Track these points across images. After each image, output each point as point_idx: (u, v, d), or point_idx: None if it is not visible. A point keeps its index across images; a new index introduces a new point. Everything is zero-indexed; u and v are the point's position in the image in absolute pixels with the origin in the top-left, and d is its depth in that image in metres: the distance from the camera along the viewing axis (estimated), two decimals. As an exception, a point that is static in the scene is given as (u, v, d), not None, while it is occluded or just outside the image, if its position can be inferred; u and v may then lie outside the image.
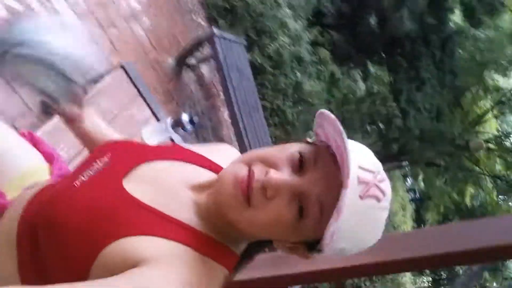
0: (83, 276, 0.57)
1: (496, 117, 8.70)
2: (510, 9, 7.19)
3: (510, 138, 8.62)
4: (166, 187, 0.67)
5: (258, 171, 0.57)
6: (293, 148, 0.60)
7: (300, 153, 0.59)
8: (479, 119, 8.09)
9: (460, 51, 6.47)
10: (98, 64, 0.84)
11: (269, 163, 0.58)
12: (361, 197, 0.55)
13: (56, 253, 0.63)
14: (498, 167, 7.97)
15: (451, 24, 6.08)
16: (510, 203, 8.05)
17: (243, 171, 0.58)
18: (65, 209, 0.63)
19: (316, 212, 0.56)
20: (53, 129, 1.40)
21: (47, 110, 0.99)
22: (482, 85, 8.13)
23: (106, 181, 0.67)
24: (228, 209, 0.58)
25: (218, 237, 0.62)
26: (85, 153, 1.42)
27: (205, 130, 3.35)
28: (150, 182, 0.67)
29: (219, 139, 3.60)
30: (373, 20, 5.51)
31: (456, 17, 6.60)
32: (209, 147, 0.82)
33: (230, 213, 0.58)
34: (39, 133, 1.31)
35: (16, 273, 0.71)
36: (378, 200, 0.56)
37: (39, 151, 1.00)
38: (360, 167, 0.56)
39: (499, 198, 8.20)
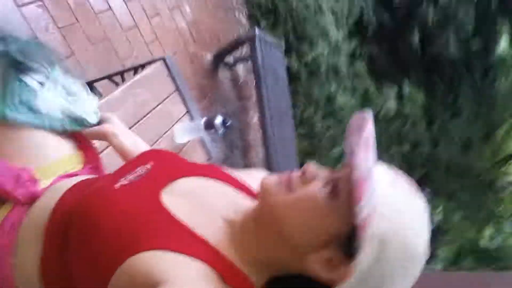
0: (106, 278, 0.57)
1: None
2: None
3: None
4: (202, 205, 0.66)
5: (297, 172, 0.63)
6: None
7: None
8: (508, 159, 7.75)
9: (502, 81, 6.20)
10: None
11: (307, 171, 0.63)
12: (391, 184, 0.57)
13: (84, 251, 0.62)
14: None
15: (497, 52, 5.83)
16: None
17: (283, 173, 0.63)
18: (102, 210, 0.63)
19: (348, 191, 0.56)
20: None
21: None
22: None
23: (144, 190, 0.67)
24: (270, 196, 0.61)
25: (241, 265, 0.62)
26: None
27: (233, 132, 3.29)
28: (188, 197, 0.67)
29: (246, 142, 3.54)
30: (416, 38, 5.34)
31: (503, 44, 6.31)
32: (247, 172, 0.81)
33: (271, 200, 0.60)
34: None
35: (38, 263, 0.69)
36: (410, 187, 0.59)
37: (73, 138, 0.98)
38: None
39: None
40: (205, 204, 0.66)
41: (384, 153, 5.56)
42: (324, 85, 3.89)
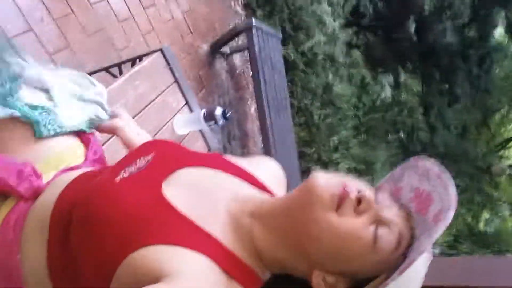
0: (109, 273, 0.57)
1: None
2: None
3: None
4: (206, 196, 0.65)
5: (356, 186, 0.59)
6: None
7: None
8: (506, 143, 7.84)
9: (497, 69, 6.25)
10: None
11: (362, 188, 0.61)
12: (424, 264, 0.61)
13: (87, 245, 0.61)
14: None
15: (492, 40, 5.86)
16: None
17: (340, 181, 0.59)
18: (103, 204, 0.62)
19: (392, 243, 0.57)
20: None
21: None
22: (514, 108, 7.87)
23: (146, 182, 0.65)
24: (314, 206, 0.58)
25: (246, 258, 0.61)
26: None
27: (231, 122, 3.28)
28: (190, 188, 0.65)
29: (244, 132, 3.54)
30: (412, 27, 5.33)
31: (498, 33, 6.35)
32: (250, 160, 0.79)
33: (314, 210, 0.58)
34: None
35: (44, 259, 0.69)
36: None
37: (76, 132, 0.97)
38: None
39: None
40: (208, 195, 0.65)
41: (382, 140, 5.59)
42: (321, 74, 3.88)
